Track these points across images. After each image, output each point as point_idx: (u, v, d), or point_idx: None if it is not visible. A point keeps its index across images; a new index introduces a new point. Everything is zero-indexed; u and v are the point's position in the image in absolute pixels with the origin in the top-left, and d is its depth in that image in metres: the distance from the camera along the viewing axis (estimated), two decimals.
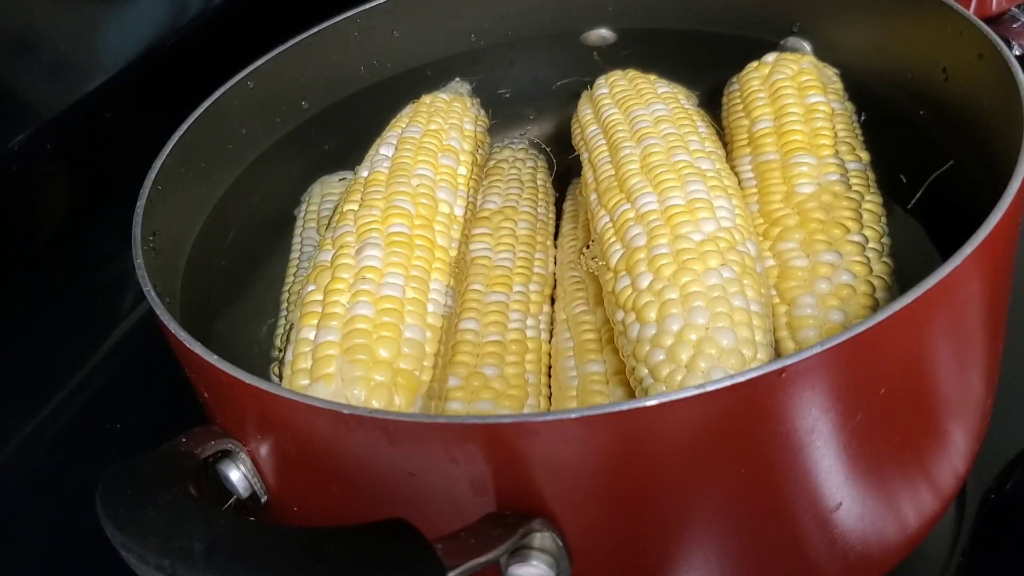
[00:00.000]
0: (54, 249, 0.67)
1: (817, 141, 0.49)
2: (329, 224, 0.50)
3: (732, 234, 0.42)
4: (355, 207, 0.47)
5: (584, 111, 0.54)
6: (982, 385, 0.41)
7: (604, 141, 0.50)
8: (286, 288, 0.53)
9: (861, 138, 0.51)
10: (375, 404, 0.39)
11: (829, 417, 0.33)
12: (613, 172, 0.47)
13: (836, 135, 0.49)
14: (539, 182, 0.58)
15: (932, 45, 0.48)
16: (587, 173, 0.50)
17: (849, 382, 0.33)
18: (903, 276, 0.44)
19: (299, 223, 0.56)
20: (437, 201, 0.48)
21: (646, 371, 0.39)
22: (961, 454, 0.42)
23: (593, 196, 0.48)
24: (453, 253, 0.47)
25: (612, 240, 0.44)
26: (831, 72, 0.53)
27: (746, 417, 0.32)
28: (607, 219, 0.45)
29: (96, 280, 0.69)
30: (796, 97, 0.51)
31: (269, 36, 0.57)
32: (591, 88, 0.55)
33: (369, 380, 0.40)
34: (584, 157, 0.51)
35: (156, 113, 0.55)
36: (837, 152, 0.48)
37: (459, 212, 0.49)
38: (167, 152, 0.48)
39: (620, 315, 0.42)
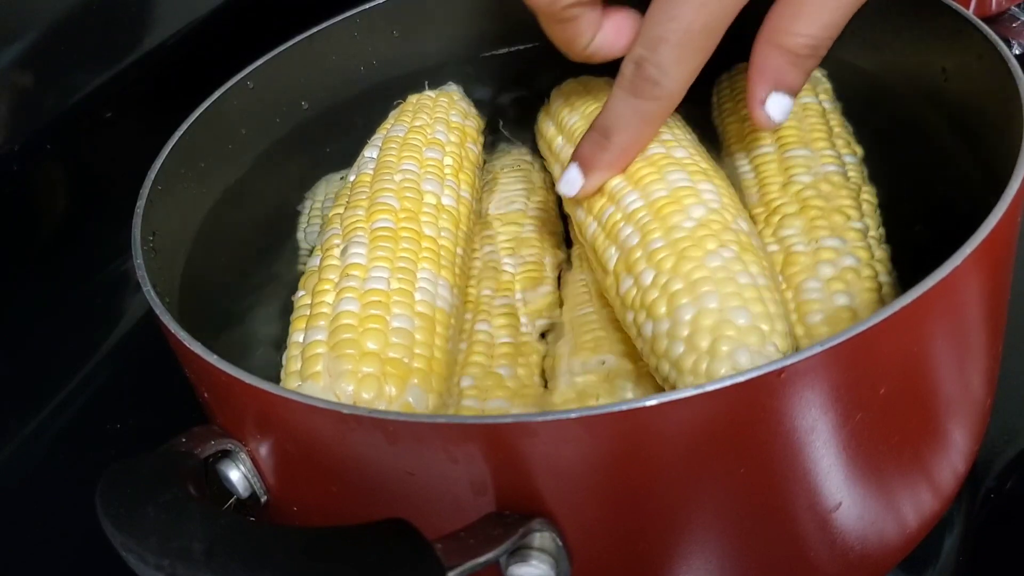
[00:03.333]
0: (54, 249, 0.67)
1: (811, 136, 0.49)
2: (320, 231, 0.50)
3: (722, 214, 0.42)
4: (341, 210, 0.48)
5: (546, 127, 0.53)
6: (982, 385, 0.41)
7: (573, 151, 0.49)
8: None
9: (853, 135, 0.51)
10: (365, 396, 0.39)
11: (829, 417, 0.33)
12: None
13: (831, 130, 0.49)
14: (544, 186, 0.58)
15: (932, 45, 0.48)
16: None
17: (849, 382, 0.33)
18: (902, 276, 0.44)
19: (303, 219, 0.56)
20: (423, 193, 0.48)
21: (668, 366, 0.39)
22: (961, 454, 0.42)
23: (578, 209, 0.47)
24: (443, 243, 0.47)
25: (605, 245, 0.44)
26: (819, 74, 0.53)
27: (745, 417, 0.32)
28: (595, 225, 0.45)
29: (96, 280, 0.69)
30: None
31: (269, 36, 0.57)
32: (548, 102, 0.54)
33: (356, 373, 0.40)
34: (557, 173, 0.50)
35: (156, 113, 0.55)
36: (833, 145, 0.48)
37: (448, 202, 0.49)
38: (167, 152, 0.48)
39: (630, 316, 0.41)
